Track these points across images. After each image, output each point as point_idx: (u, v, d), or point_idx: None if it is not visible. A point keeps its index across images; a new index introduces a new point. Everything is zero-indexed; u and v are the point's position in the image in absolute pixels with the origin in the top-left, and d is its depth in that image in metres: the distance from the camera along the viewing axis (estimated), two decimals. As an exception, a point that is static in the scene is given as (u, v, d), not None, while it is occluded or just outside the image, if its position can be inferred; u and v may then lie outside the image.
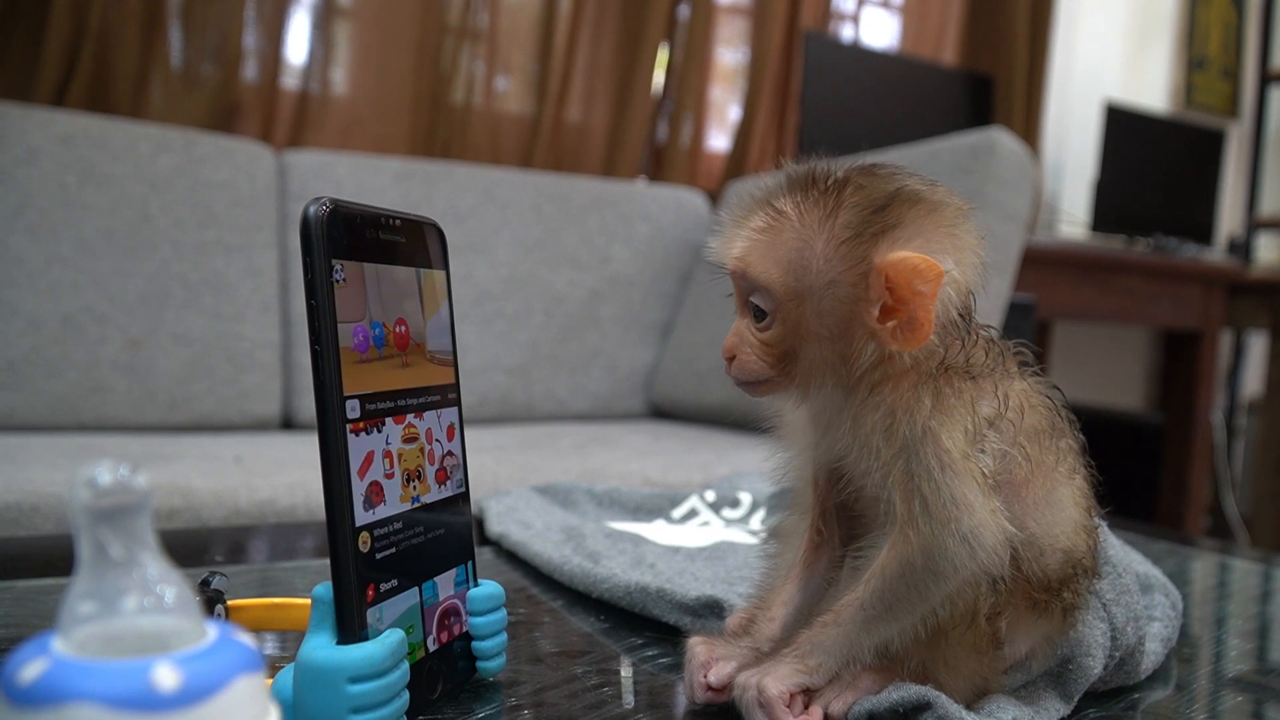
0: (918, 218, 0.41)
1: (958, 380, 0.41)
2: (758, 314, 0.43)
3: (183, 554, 0.70)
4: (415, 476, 0.43)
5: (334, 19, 1.98)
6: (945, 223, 0.42)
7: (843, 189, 0.42)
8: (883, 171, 0.43)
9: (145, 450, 1.26)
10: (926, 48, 2.64)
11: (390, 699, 0.38)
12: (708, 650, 0.45)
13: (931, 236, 0.41)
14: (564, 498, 0.85)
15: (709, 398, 1.73)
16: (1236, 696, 0.52)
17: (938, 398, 0.41)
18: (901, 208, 0.41)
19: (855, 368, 0.41)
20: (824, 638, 0.42)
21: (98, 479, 0.24)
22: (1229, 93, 3.20)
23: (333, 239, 0.39)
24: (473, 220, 1.80)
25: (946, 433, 0.40)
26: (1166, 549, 0.85)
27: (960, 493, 0.39)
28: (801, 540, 0.47)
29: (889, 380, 0.41)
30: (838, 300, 0.41)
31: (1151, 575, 0.59)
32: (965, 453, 0.40)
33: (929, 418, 0.40)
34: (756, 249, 0.43)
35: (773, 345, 0.43)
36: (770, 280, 0.42)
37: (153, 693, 0.23)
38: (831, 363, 0.42)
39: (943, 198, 0.42)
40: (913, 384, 0.41)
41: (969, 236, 0.42)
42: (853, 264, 0.41)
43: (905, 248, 0.40)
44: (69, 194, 1.49)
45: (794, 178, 0.44)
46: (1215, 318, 2.48)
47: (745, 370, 0.44)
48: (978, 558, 0.39)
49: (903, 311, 0.40)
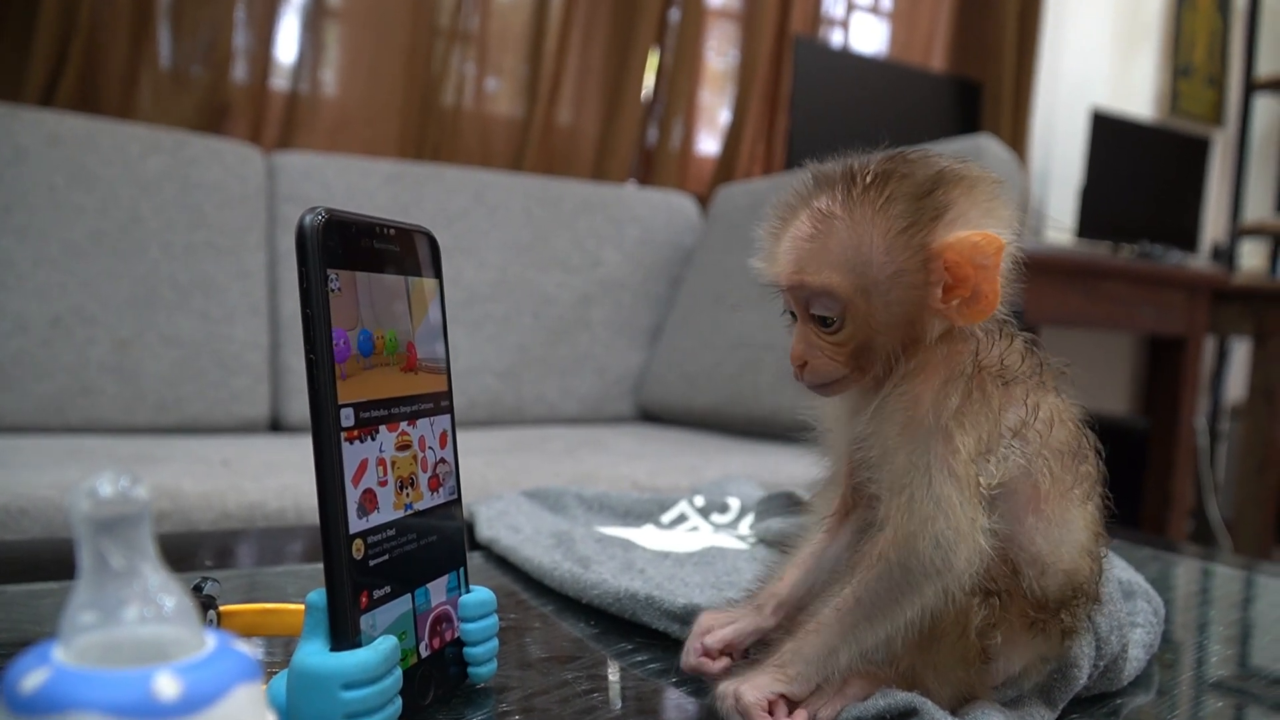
0: (962, 197, 0.42)
1: (990, 383, 0.42)
2: (823, 320, 0.43)
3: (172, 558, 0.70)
4: (408, 484, 0.44)
5: (324, 20, 1.98)
6: (985, 198, 0.43)
7: (887, 180, 0.42)
8: (915, 158, 0.44)
9: (134, 452, 1.26)
10: (915, 54, 2.65)
11: (383, 705, 0.39)
12: (711, 618, 0.47)
13: (978, 213, 0.42)
14: (554, 502, 0.85)
15: (698, 401, 1.74)
16: (1218, 701, 0.52)
17: (965, 399, 0.41)
18: (948, 189, 0.42)
19: (921, 346, 0.42)
20: (805, 646, 0.42)
21: (99, 489, 0.24)
22: (1214, 100, 3.23)
23: (328, 248, 0.40)
24: (463, 223, 1.81)
25: (960, 434, 0.40)
26: (1149, 555, 0.86)
27: (947, 494, 0.40)
28: (829, 508, 0.48)
29: (922, 371, 0.42)
30: (904, 288, 0.42)
31: (1134, 582, 0.60)
32: (970, 458, 0.40)
33: (950, 416, 0.40)
34: (810, 257, 0.43)
35: (844, 345, 0.43)
36: (833, 284, 0.42)
37: (154, 702, 0.23)
38: (900, 347, 0.43)
39: (978, 173, 0.43)
40: (944, 380, 0.41)
41: (1005, 209, 0.43)
42: (914, 251, 0.41)
43: (960, 228, 0.41)
44: (57, 195, 1.49)
45: (827, 177, 0.44)
46: (1199, 324, 2.50)
47: (821, 374, 0.44)
48: (947, 568, 0.40)
49: (965, 289, 0.41)
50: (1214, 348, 3.15)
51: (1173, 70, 3.12)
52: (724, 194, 1.98)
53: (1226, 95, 3.25)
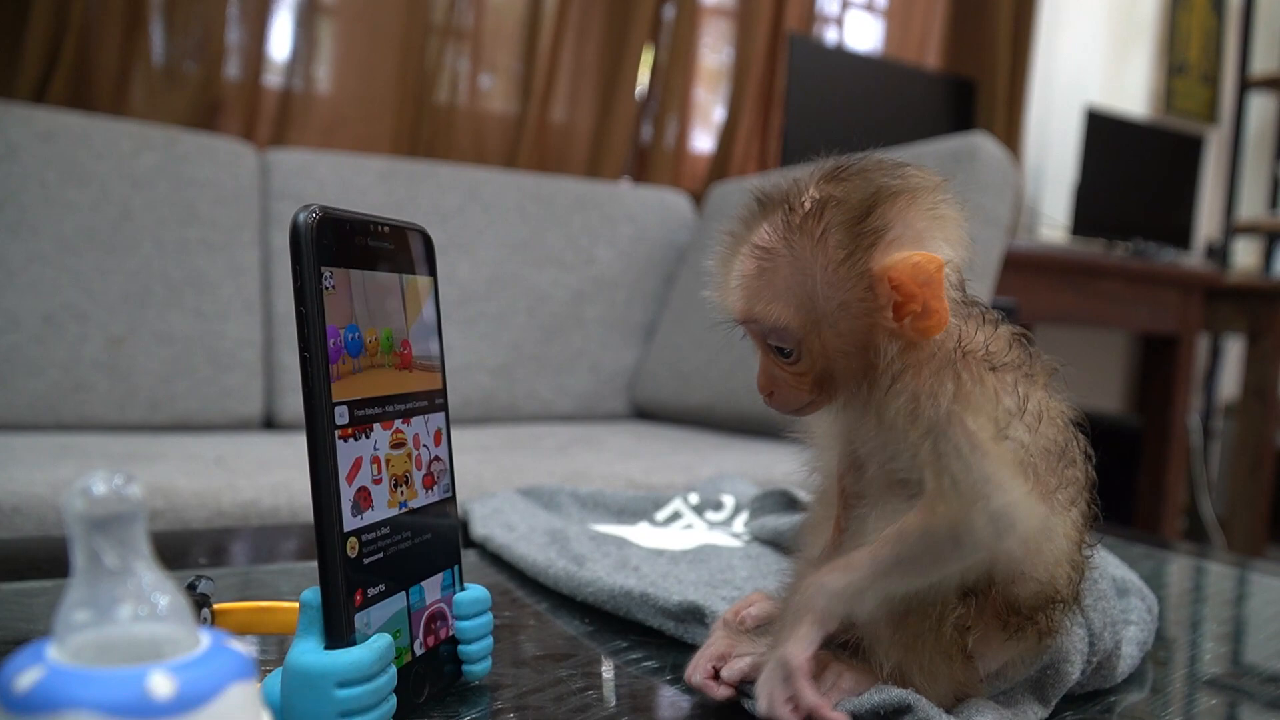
0: (901, 213, 0.41)
1: (978, 368, 0.41)
2: (780, 351, 0.43)
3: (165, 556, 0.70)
4: (403, 481, 0.44)
5: (317, 16, 1.97)
6: (927, 208, 0.42)
7: (824, 209, 0.42)
8: (852, 174, 0.43)
9: (126, 450, 1.26)
10: (910, 51, 2.66)
11: (378, 703, 0.39)
12: (728, 644, 0.46)
13: (919, 226, 0.41)
14: (548, 500, 0.85)
15: (692, 399, 1.74)
16: (1211, 699, 0.52)
17: (958, 384, 0.40)
18: (885, 209, 0.41)
19: (882, 364, 0.42)
20: (832, 582, 0.41)
21: (92, 488, 0.24)
22: (1208, 98, 3.23)
23: (322, 246, 0.40)
24: (457, 220, 1.80)
25: (971, 417, 0.40)
26: (1143, 553, 0.86)
27: (992, 471, 0.39)
28: (825, 536, 0.47)
29: (909, 369, 0.41)
30: (853, 317, 0.41)
31: (1127, 579, 0.60)
32: (995, 436, 0.40)
33: (952, 402, 0.40)
34: (757, 294, 0.43)
35: (805, 374, 0.43)
36: (782, 320, 0.42)
37: (148, 700, 0.23)
38: (863, 369, 0.42)
39: (917, 182, 0.42)
40: (934, 370, 0.41)
41: (950, 211, 0.42)
42: (855, 280, 0.41)
43: (900, 248, 0.41)
44: (49, 191, 1.48)
45: (766, 203, 0.43)
46: (1193, 322, 2.51)
47: (787, 403, 0.44)
48: (1005, 540, 0.39)
49: (915, 305, 0.41)
50: (1207, 346, 3.16)
51: (1167, 68, 3.13)
52: (718, 192, 1.98)
53: (1221, 93, 3.26)
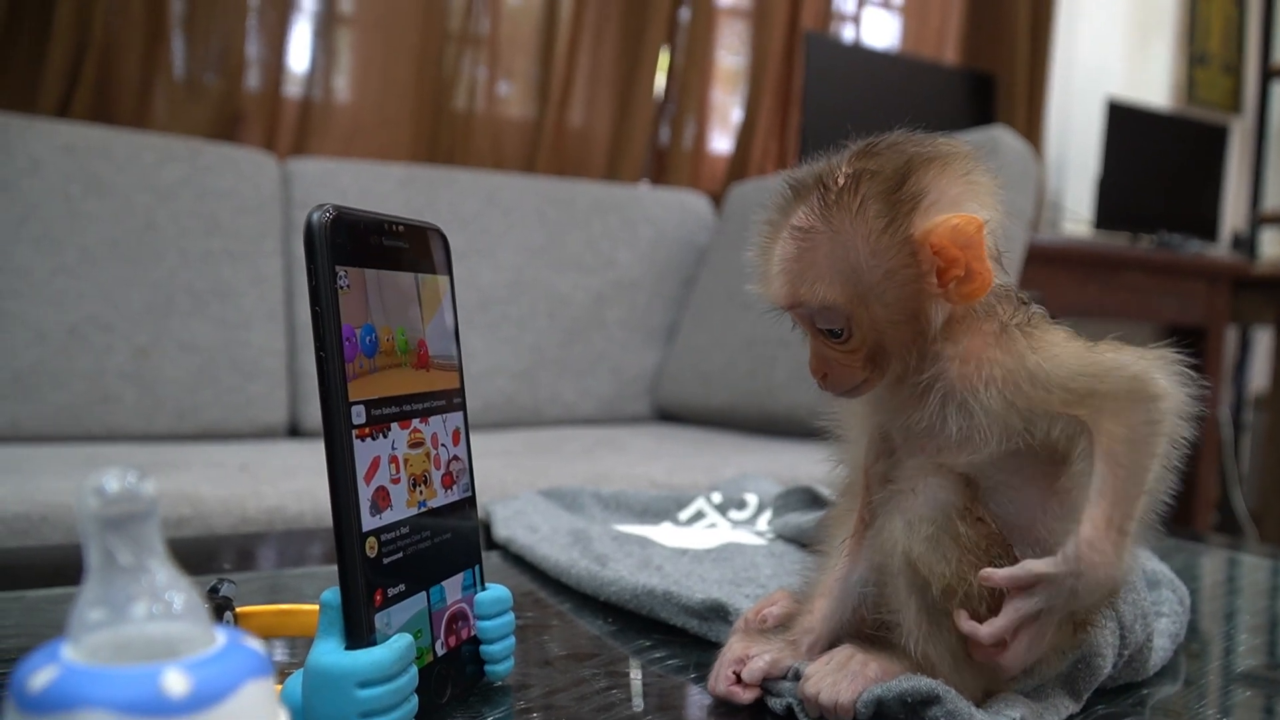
0: (936, 179, 0.42)
1: (1029, 330, 0.42)
2: (830, 333, 0.43)
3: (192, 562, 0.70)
4: (421, 481, 0.43)
5: (335, 27, 1.99)
6: (960, 173, 0.42)
7: (859, 182, 0.42)
8: (884, 149, 0.43)
9: (153, 459, 1.27)
10: (928, 47, 2.64)
11: (399, 703, 0.38)
12: (744, 646, 0.46)
13: (954, 191, 0.42)
14: (570, 501, 0.85)
15: (715, 400, 1.73)
16: (1246, 691, 0.51)
17: (1030, 338, 0.41)
18: (919, 175, 0.42)
19: (930, 334, 0.42)
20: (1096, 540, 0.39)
21: (105, 486, 0.24)
22: (1231, 88, 3.20)
23: (336, 245, 0.39)
24: (477, 225, 1.81)
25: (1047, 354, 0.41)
26: (1174, 545, 0.85)
27: (1107, 358, 0.40)
28: (847, 529, 0.47)
29: (960, 348, 0.42)
30: (898, 285, 0.41)
31: (1158, 571, 0.59)
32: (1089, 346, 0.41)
33: (1028, 350, 0.41)
34: (800, 276, 0.42)
35: (857, 351, 0.43)
36: (829, 298, 0.42)
37: (163, 698, 0.23)
38: (913, 339, 0.42)
39: (949, 150, 0.43)
40: (993, 335, 0.42)
41: (984, 178, 0.43)
42: (899, 247, 0.41)
43: (939, 211, 0.41)
44: (73, 204, 1.50)
45: (800, 187, 0.43)
46: (1221, 313, 2.48)
47: (841, 383, 0.44)
48: (1168, 392, 0.41)
49: (958, 268, 0.41)
50: (1236, 337, 3.12)
51: (1188, 58, 3.09)
52: (737, 192, 1.98)
53: (1243, 82, 3.22)
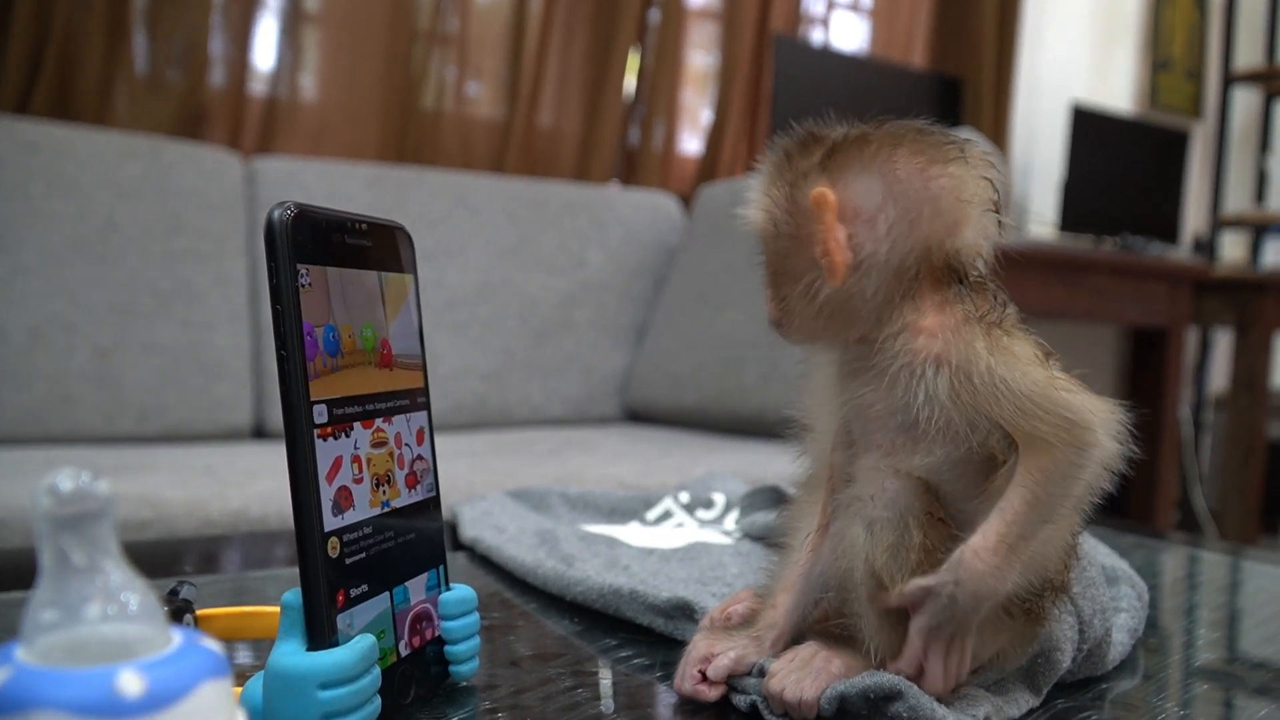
0: (850, 154, 0.41)
1: (998, 330, 0.41)
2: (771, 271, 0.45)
3: (153, 565, 0.70)
4: (385, 481, 0.43)
5: (301, 24, 1.97)
6: (871, 155, 0.41)
7: (817, 142, 0.42)
8: (864, 124, 0.43)
9: (115, 462, 1.25)
10: (896, 50, 2.66)
11: (361, 704, 0.38)
12: (709, 644, 0.45)
13: (857, 169, 0.41)
14: (538, 502, 0.84)
15: (684, 400, 1.74)
16: (1204, 685, 0.52)
17: (990, 340, 0.40)
18: (844, 148, 0.41)
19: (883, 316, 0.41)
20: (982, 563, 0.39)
21: (59, 486, 0.24)
22: (1193, 93, 3.24)
23: (298, 243, 0.39)
24: (445, 226, 1.80)
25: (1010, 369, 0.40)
26: (1134, 542, 0.86)
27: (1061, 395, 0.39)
28: (811, 523, 0.47)
29: (920, 329, 0.41)
30: (787, 239, 0.43)
31: (1117, 567, 0.60)
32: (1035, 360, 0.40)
33: (990, 351, 0.40)
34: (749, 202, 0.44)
35: (768, 285, 0.45)
36: (752, 224, 0.44)
37: (117, 699, 0.22)
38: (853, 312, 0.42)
39: (882, 132, 0.42)
40: (956, 324, 0.41)
41: (907, 166, 0.41)
42: (794, 207, 0.42)
43: (828, 184, 0.41)
44: (34, 203, 1.48)
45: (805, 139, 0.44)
46: (1182, 315, 2.51)
47: (786, 329, 0.45)
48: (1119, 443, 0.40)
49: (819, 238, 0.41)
50: (1196, 339, 3.17)
51: (1152, 64, 3.14)
52: (707, 193, 1.98)
53: (1205, 88, 3.27)
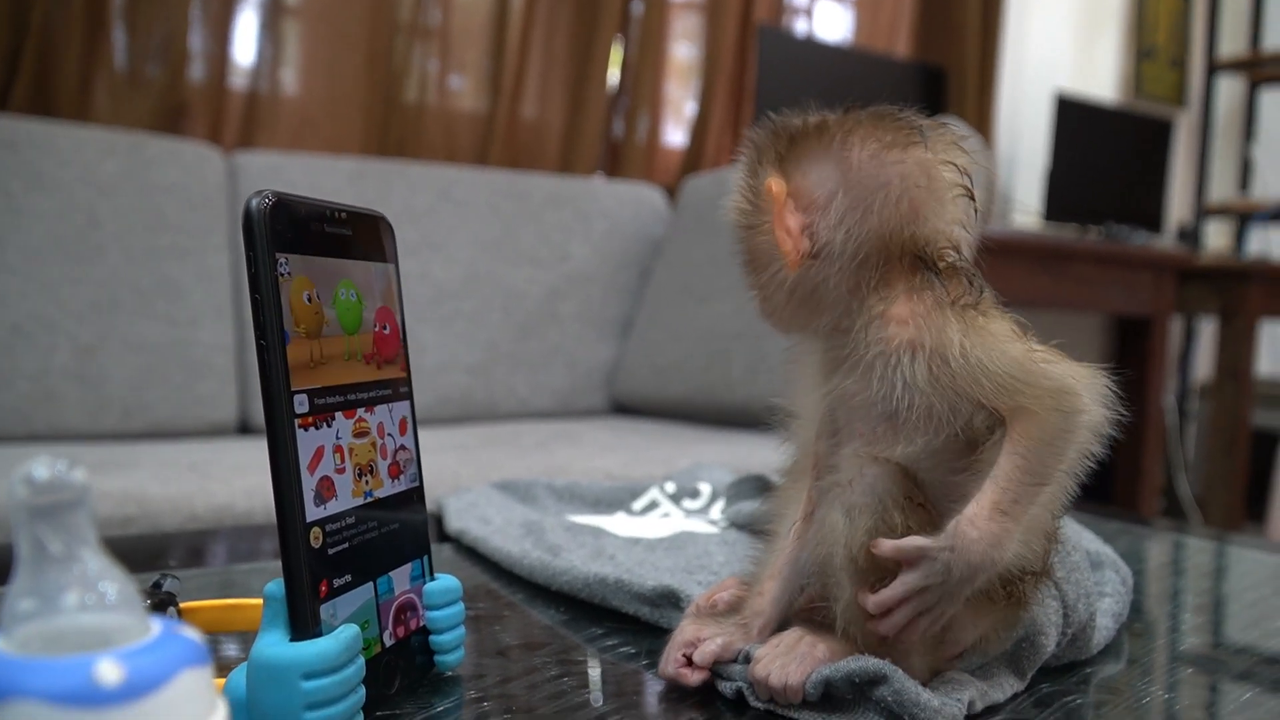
0: (808, 143, 0.41)
1: (973, 313, 0.41)
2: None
3: (138, 559, 0.69)
4: (367, 471, 0.43)
5: (282, 18, 1.96)
6: (827, 144, 0.41)
7: (786, 132, 0.43)
8: (825, 115, 0.43)
9: (100, 459, 1.24)
10: (879, 40, 2.66)
11: (346, 694, 0.38)
12: (696, 630, 0.45)
13: (814, 158, 0.41)
14: (524, 493, 0.84)
15: (670, 392, 1.74)
16: (1188, 669, 0.53)
17: (964, 321, 0.40)
18: (803, 137, 0.42)
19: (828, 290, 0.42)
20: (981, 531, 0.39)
21: (35, 475, 0.24)
22: (1177, 82, 3.26)
23: (277, 232, 0.39)
24: (429, 219, 1.79)
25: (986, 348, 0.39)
26: (1119, 528, 0.86)
27: (1034, 370, 0.39)
28: (795, 511, 0.47)
29: (893, 318, 0.41)
30: (750, 229, 0.44)
31: (1101, 552, 0.60)
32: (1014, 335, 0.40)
33: (963, 334, 0.39)
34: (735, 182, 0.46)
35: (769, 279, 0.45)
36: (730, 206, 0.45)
37: (95, 688, 0.22)
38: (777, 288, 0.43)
39: (840, 120, 0.42)
40: (928, 308, 0.40)
41: (860, 153, 0.40)
42: (754, 196, 0.43)
43: (782, 174, 0.42)
44: (14, 200, 1.46)
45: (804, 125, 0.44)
46: (1166, 304, 2.52)
47: (764, 310, 0.46)
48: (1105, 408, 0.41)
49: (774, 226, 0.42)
50: (1181, 327, 3.18)
51: (1136, 53, 3.14)
52: (691, 185, 1.98)
53: (1189, 76, 3.28)
